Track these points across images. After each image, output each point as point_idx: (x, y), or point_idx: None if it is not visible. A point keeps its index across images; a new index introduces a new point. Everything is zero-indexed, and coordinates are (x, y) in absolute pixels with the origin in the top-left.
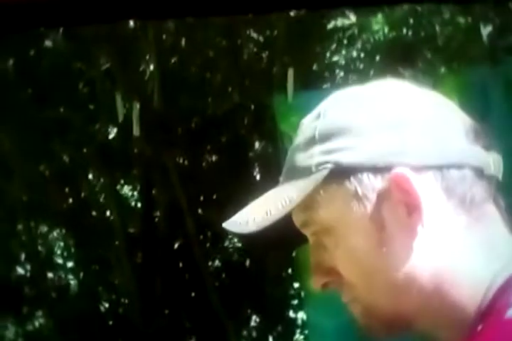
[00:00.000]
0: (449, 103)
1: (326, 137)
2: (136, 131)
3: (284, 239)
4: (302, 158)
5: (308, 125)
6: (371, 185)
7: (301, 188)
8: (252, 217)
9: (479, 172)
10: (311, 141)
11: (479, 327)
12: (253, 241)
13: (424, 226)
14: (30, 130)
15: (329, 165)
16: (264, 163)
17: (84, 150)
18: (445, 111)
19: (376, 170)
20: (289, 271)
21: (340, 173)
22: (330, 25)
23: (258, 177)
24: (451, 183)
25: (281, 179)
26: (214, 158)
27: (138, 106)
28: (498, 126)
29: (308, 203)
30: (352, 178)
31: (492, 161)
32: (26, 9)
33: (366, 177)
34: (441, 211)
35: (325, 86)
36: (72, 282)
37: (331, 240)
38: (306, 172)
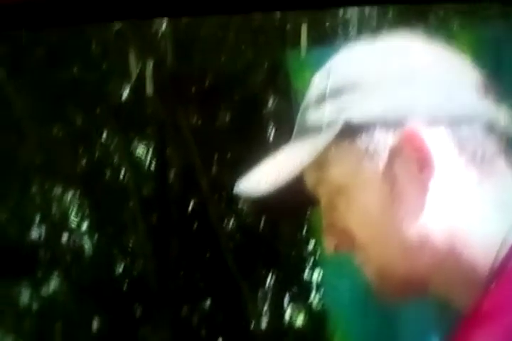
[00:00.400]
0: (460, 58)
1: (336, 94)
2: (149, 90)
3: (298, 201)
4: (313, 116)
5: (319, 82)
6: (382, 141)
7: (312, 147)
8: (263, 177)
9: (490, 128)
10: (322, 98)
11: (492, 286)
12: (267, 203)
13: (435, 182)
14: (43, 92)
15: (340, 123)
16: (278, 121)
17: (98, 111)
18: (456, 65)
19: (387, 126)
20: (304, 232)
21: (352, 131)
22: None
23: (272, 135)
24: (462, 139)
25: (292, 138)
26: (228, 116)
27: (151, 65)
28: (509, 82)
29: (319, 162)
30: (363, 135)
31: (503, 116)
32: None
33: (377, 134)
34: (453, 167)
35: (338, 42)
36: (86, 244)
37: (343, 200)
38: (317, 130)
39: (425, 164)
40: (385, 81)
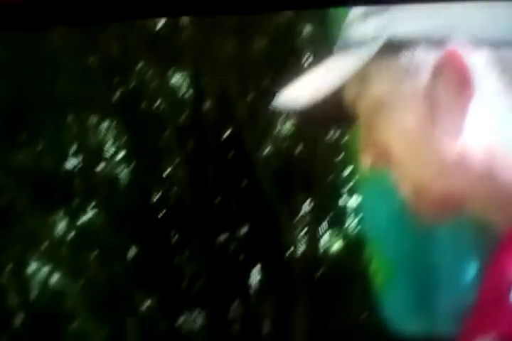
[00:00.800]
0: None
1: (382, 9)
2: (184, 19)
3: (335, 123)
4: (357, 31)
5: None
6: (425, 59)
7: (354, 60)
8: (303, 90)
9: None
10: (367, 14)
11: None
12: (304, 127)
13: (475, 103)
14: (76, 21)
15: (384, 38)
16: (313, 48)
17: (133, 40)
18: None
19: (430, 44)
20: (341, 156)
21: (395, 47)
22: None
23: (308, 62)
24: (504, 61)
25: (334, 52)
26: (263, 43)
27: None
28: None
29: (361, 77)
30: (406, 52)
31: None
32: None
33: (420, 52)
34: (493, 89)
35: None
36: (122, 173)
37: (382, 116)
38: (360, 45)
39: (465, 85)
40: None
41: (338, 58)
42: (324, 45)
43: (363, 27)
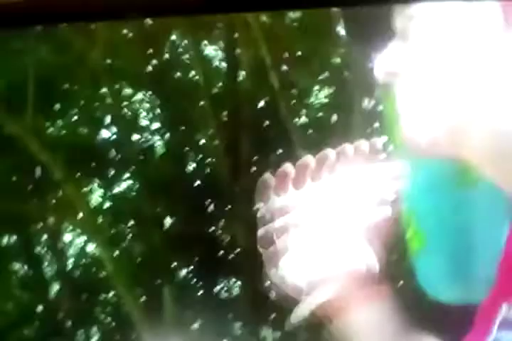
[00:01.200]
0: None
1: None
2: None
3: (371, 91)
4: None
5: None
6: None
7: None
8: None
9: None
10: None
11: None
12: (339, 96)
13: None
14: None
15: None
16: (348, 20)
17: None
18: None
19: None
20: (376, 125)
21: None
22: None
23: (343, 32)
24: None
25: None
26: (296, 14)
27: None
28: None
29: None
30: None
31: None
32: None
33: None
34: None
35: None
36: (158, 144)
37: None
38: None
39: None
40: None
41: None
42: (358, 17)
43: None
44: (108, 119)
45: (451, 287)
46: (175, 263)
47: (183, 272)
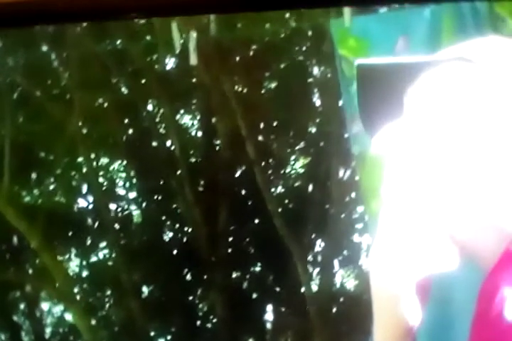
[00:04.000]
0: None
1: None
2: (193, 60)
3: (347, 161)
4: None
5: None
6: None
7: None
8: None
9: None
10: None
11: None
12: (316, 166)
13: None
14: (89, 62)
15: None
16: (323, 88)
17: (143, 80)
18: None
19: None
20: (353, 194)
21: None
22: None
23: (318, 102)
24: None
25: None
26: (273, 84)
27: (195, 35)
28: None
29: None
30: None
31: None
32: None
33: None
34: None
35: (382, 10)
36: (135, 212)
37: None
38: None
39: None
40: None
41: None
42: (334, 85)
43: None
44: (85, 188)
45: None
46: (153, 332)
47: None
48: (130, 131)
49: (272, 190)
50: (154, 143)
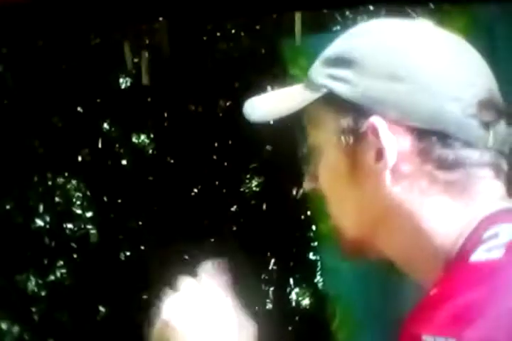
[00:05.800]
0: (472, 59)
1: (336, 62)
2: (145, 80)
3: (301, 179)
4: (315, 72)
5: (338, 44)
6: (354, 123)
7: (300, 99)
8: (260, 107)
9: (467, 145)
10: (327, 60)
11: (447, 273)
12: (271, 184)
13: (390, 173)
14: (42, 82)
15: (325, 90)
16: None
17: (97, 100)
18: (461, 72)
19: (361, 111)
20: (308, 213)
21: (332, 101)
22: None
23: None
24: (426, 145)
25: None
26: (228, 103)
27: (146, 55)
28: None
29: (308, 118)
30: (340, 111)
31: (492, 136)
32: None
33: (352, 114)
34: (409, 165)
35: (335, 28)
36: (91, 231)
37: (318, 156)
38: (311, 86)
39: (380, 155)
40: (379, 71)
41: (295, 90)
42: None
43: (320, 71)
44: (41, 208)
45: None
46: None
47: None
48: (85, 151)
49: (226, 208)
50: (109, 163)
